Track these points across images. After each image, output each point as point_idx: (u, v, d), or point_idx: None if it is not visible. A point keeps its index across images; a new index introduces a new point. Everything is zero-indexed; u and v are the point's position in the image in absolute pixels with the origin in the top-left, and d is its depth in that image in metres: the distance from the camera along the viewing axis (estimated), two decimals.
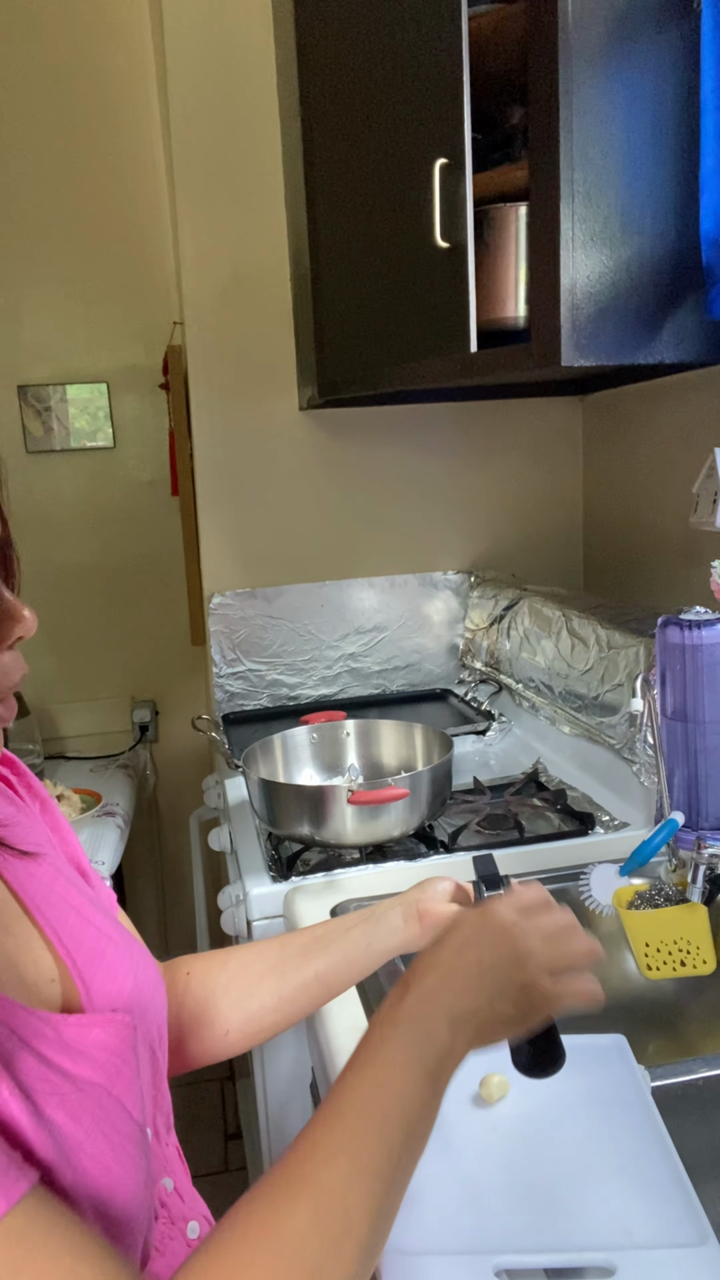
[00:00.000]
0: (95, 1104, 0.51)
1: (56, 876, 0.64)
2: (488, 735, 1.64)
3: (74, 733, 2.25)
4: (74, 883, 0.65)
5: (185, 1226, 0.63)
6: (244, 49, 1.62)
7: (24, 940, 0.58)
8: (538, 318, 0.99)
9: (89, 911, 0.63)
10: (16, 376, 2.13)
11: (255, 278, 1.69)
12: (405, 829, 1.19)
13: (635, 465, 1.68)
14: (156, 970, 0.66)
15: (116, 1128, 0.51)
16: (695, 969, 0.94)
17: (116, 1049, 0.54)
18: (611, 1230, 0.64)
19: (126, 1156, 0.51)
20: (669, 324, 1.00)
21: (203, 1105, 2.15)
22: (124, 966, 0.61)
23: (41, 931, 0.59)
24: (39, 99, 2.03)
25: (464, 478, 1.85)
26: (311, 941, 0.79)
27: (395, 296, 1.23)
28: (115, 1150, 0.51)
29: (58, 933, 0.59)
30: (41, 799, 0.71)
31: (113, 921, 0.66)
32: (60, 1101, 0.49)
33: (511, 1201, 0.67)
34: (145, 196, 2.11)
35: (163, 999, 0.66)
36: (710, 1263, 0.61)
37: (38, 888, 0.61)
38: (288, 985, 0.77)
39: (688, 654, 1.04)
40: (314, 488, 1.79)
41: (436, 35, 1.06)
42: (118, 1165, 0.50)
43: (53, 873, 0.64)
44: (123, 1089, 0.53)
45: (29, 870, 0.62)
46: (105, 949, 0.61)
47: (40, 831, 0.68)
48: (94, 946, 0.60)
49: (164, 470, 2.21)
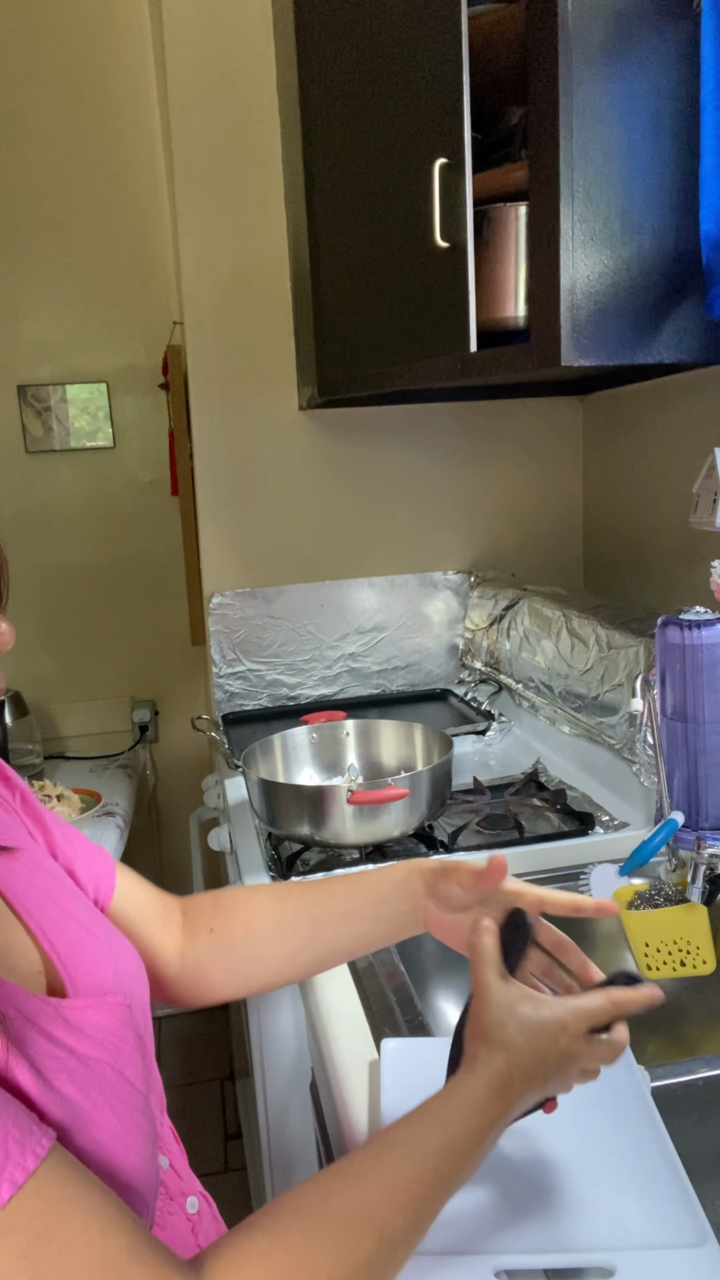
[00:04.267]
0: (101, 1077, 0.53)
1: (36, 871, 0.65)
2: (488, 735, 1.64)
3: (74, 733, 2.25)
4: (54, 876, 0.66)
5: (184, 1202, 0.65)
6: (244, 49, 1.62)
7: (10, 933, 0.58)
8: (537, 317, 0.99)
9: (68, 904, 0.64)
10: (16, 376, 2.13)
11: (255, 278, 1.69)
12: (405, 829, 1.19)
13: (635, 465, 1.68)
14: (137, 959, 0.68)
15: (122, 1099, 0.53)
16: (695, 969, 0.94)
17: (113, 1029, 0.56)
18: (611, 1230, 0.64)
19: (134, 1125, 0.53)
20: (669, 324, 1.00)
21: (203, 1105, 2.15)
22: (104, 957, 0.62)
23: (25, 925, 0.60)
24: (39, 99, 2.03)
25: (464, 478, 1.85)
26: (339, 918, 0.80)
27: (395, 296, 1.23)
28: (123, 1120, 0.53)
29: (41, 926, 0.60)
30: (20, 791, 0.72)
31: (92, 913, 0.67)
32: (69, 1077, 0.51)
33: (511, 1202, 0.67)
34: (145, 196, 2.11)
35: (144, 986, 0.67)
36: (710, 1263, 0.61)
37: (18, 882, 0.62)
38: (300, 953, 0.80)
39: (688, 654, 1.04)
40: (314, 488, 1.79)
41: (436, 35, 1.06)
42: (126, 1134, 0.52)
43: (32, 867, 0.65)
44: (124, 1063, 0.55)
45: (8, 865, 0.63)
46: (85, 941, 0.62)
47: (18, 826, 0.68)
48: (74, 938, 0.61)
49: (164, 470, 2.21)
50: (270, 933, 0.80)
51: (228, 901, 0.82)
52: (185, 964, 0.78)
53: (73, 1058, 0.52)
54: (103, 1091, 0.52)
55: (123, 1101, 0.53)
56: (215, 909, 0.81)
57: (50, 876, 0.66)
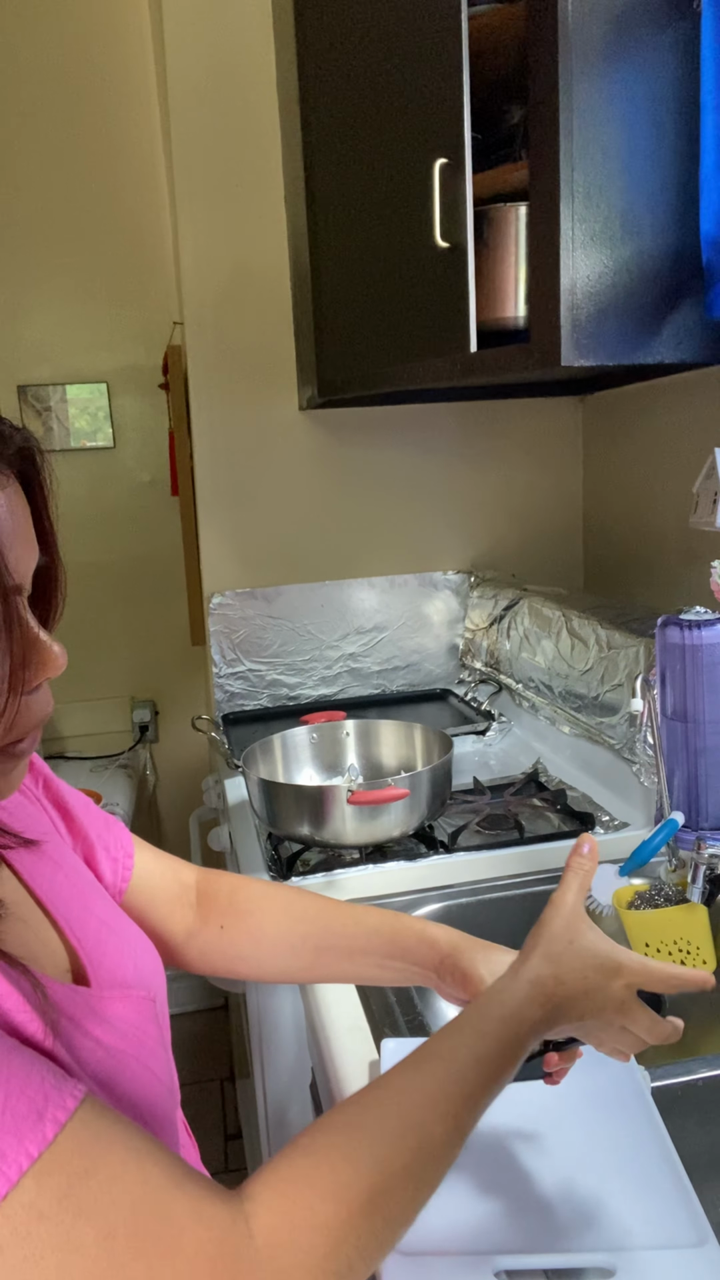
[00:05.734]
0: (127, 1069, 0.54)
1: (59, 865, 0.65)
2: (488, 735, 1.64)
3: (74, 733, 2.25)
4: (76, 870, 0.67)
5: None
6: (244, 48, 1.62)
7: (37, 929, 0.59)
8: (538, 317, 0.99)
9: (91, 900, 0.65)
10: (16, 376, 2.13)
11: (255, 278, 1.69)
12: (405, 829, 1.19)
13: (635, 465, 1.68)
14: (155, 955, 0.68)
15: (146, 1091, 0.54)
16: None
17: (138, 1022, 0.57)
18: (611, 1230, 0.64)
19: (156, 1117, 0.54)
20: (669, 324, 1.00)
21: (203, 1105, 2.15)
22: (124, 953, 0.63)
23: (53, 920, 0.60)
24: (39, 99, 2.03)
25: (464, 478, 1.85)
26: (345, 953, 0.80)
27: (395, 296, 1.23)
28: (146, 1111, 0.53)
29: (67, 920, 0.61)
30: (44, 777, 0.72)
31: (112, 909, 0.67)
32: (97, 1066, 0.52)
33: (512, 1202, 0.67)
34: (145, 196, 2.11)
35: (162, 981, 0.67)
36: (710, 1263, 0.61)
37: (43, 877, 0.63)
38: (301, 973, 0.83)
39: (688, 654, 1.04)
40: (314, 487, 1.79)
41: (436, 35, 1.06)
42: (149, 1125, 0.53)
43: (56, 861, 0.65)
44: (148, 1056, 0.56)
45: (34, 859, 0.63)
46: (107, 938, 0.63)
47: (42, 816, 0.69)
48: (96, 934, 0.62)
49: (164, 470, 2.21)
50: (273, 949, 0.81)
51: (242, 902, 0.82)
52: (192, 945, 0.80)
53: (100, 1048, 0.53)
54: (129, 1082, 0.53)
55: (147, 1093, 0.54)
56: (230, 907, 0.82)
57: (73, 870, 0.66)
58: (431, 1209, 0.66)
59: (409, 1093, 0.55)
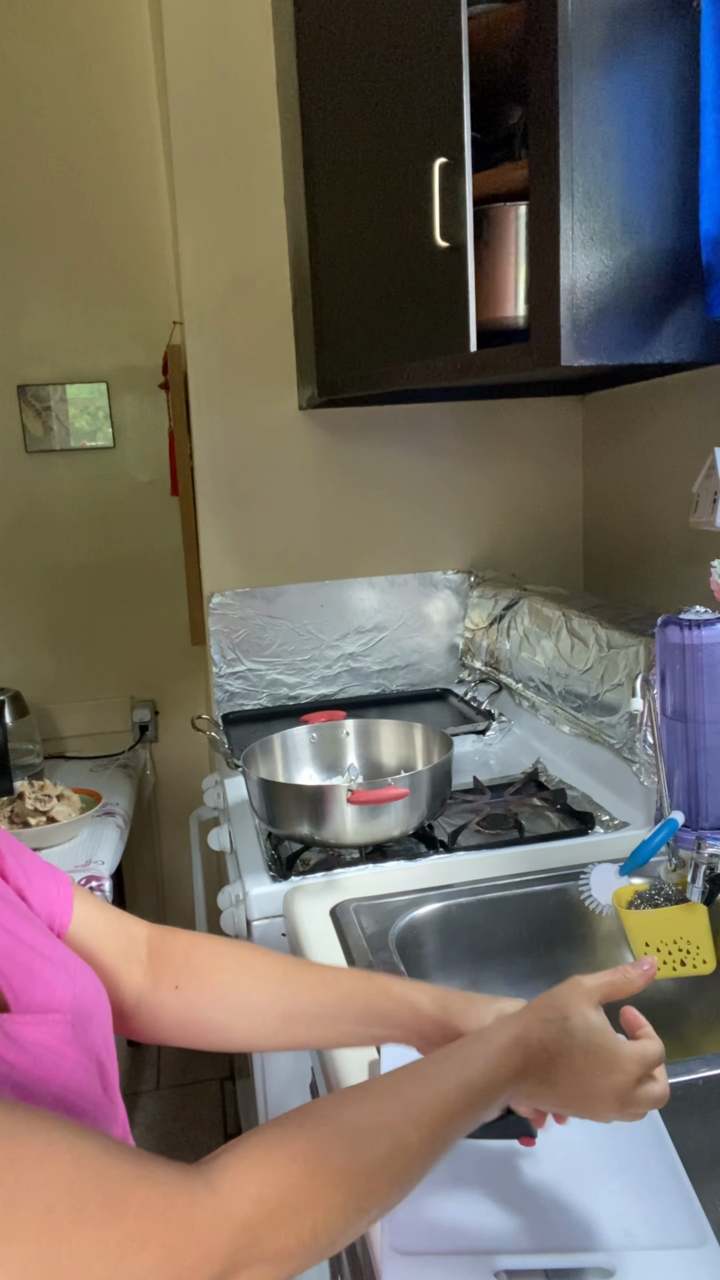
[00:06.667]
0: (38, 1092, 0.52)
1: None
2: (488, 735, 1.64)
3: (74, 733, 2.25)
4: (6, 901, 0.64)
5: None
6: (244, 49, 1.62)
7: None
8: (537, 317, 0.99)
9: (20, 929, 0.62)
10: (16, 376, 2.13)
11: (255, 278, 1.69)
12: (405, 829, 1.19)
13: (635, 465, 1.68)
14: (98, 984, 0.65)
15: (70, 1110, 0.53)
16: (695, 969, 0.94)
17: (53, 1045, 0.55)
18: (611, 1231, 0.64)
19: None
20: (669, 323, 1.00)
21: (202, 1105, 2.15)
22: (59, 980, 0.61)
23: None
24: (39, 99, 2.03)
25: (464, 478, 1.85)
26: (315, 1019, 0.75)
27: (395, 296, 1.23)
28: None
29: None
30: None
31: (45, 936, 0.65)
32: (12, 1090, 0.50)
33: (512, 1202, 0.67)
34: (145, 196, 2.11)
35: (106, 1011, 0.65)
36: (710, 1263, 0.61)
37: None
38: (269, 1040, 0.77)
39: (688, 654, 1.04)
40: (314, 487, 1.79)
41: (436, 35, 1.06)
42: None
43: None
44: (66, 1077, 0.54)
45: None
46: (39, 967, 0.60)
47: None
48: (25, 963, 0.60)
49: (164, 470, 2.21)
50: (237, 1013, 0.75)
51: (200, 962, 0.76)
52: (142, 1006, 0.74)
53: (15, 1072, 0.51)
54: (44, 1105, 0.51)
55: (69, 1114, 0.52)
56: (186, 966, 0.75)
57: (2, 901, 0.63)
58: (431, 1209, 0.66)
59: (387, 1098, 0.55)
